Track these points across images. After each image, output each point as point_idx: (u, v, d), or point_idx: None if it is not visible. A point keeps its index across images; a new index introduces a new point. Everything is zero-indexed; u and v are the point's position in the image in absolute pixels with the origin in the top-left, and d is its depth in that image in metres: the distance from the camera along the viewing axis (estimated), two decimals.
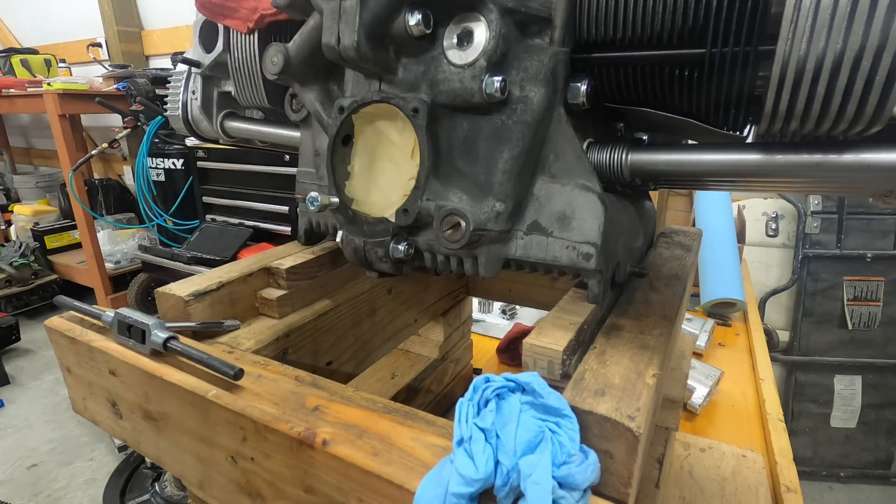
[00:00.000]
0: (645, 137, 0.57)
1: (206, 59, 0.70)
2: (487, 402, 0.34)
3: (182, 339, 0.49)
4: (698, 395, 1.06)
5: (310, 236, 0.68)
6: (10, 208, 3.96)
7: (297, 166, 0.66)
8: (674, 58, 0.41)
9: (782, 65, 0.34)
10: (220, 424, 0.43)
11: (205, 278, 0.58)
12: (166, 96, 0.78)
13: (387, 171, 0.50)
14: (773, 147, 0.41)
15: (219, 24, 0.67)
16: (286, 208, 2.15)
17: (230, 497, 0.46)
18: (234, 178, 2.29)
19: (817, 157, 0.39)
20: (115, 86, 2.87)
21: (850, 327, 2.26)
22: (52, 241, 3.60)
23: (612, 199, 0.47)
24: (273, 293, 0.60)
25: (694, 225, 1.75)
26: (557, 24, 0.42)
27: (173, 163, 2.32)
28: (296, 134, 0.69)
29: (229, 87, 0.74)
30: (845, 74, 0.32)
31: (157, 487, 1.78)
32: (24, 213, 3.76)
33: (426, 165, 0.46)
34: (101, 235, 3.20)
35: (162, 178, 2.37)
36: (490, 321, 1.44)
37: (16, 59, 3.42)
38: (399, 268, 0.51)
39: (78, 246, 3.55)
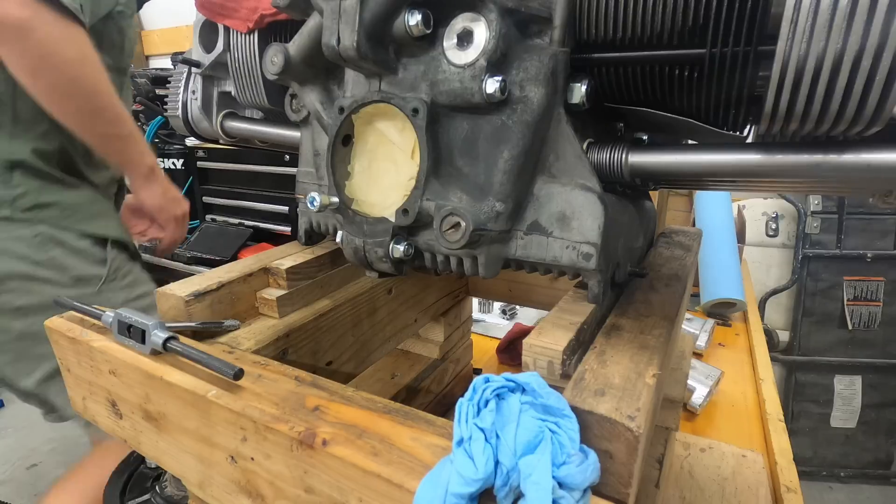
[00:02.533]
0: (645, 137, 0.57)
1: (206, 59, 0.70)
2: (487, 402, 0.34)
3: (182, 339, 0.49)
4: (698, 395, 1.06)
5: (310, 236, 0.68)
6: None
7: (297, 166, 0.66)
8: (674, 58, 0.41)
9: (782, 65, 0.34)
10: (220, 424, 0.43)
11: (205, 278, 0.58)
12: (166, 96, 0.78)
13: (387, 171, 0.50)
14: (773, 147, 0.41)
15: (219, 24, 0.67)
16: (286, 208, 2.15)
17: (230, 497, 0.46)
18: (234, 178, 2.29)
19: (817, 157, 0.39)
20: None
21: (850, 327, 2.26)
22: None
23: (612, 199, 0.47)
24: (273, 293, 0.60)
25: (694, 225, 1.75)
26: (557, 24, 0.42)
27: (173, 163, 2.32)
28: (296, 134, 0.69)
29: (229, 87, 0.74)
30: (845, 74, 0.32)
31: (157, 487, 1.78)
32: None
33: (426, 165, 0.46)
34: None
35: None
36: (490, 321, 1.44)
37: None
38: (399, 268, 0.51)
39: None
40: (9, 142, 0.89)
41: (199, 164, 2.33)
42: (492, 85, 0.42)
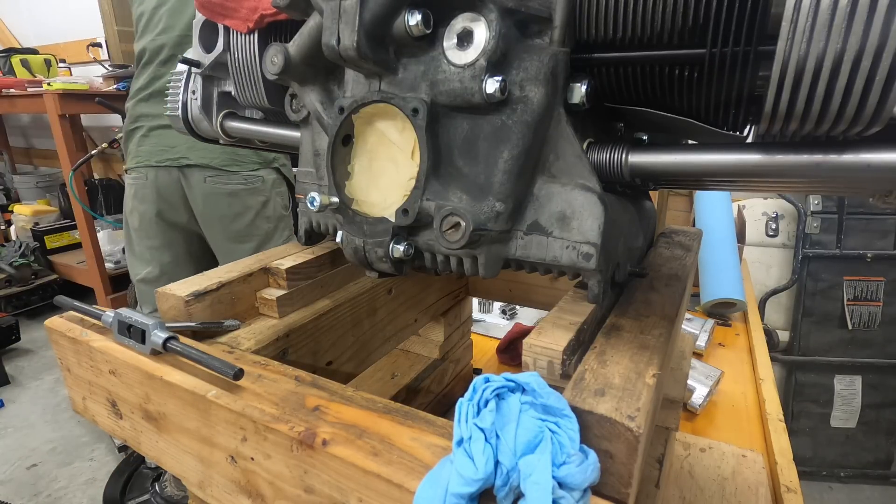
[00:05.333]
0: (645, 137, 0.57)
1: (206, 59, 0.70)
2: (487, 402, 0.34)
3: (182, 339, 0.49)
4: (698, 395, 1.06)
5: (310, 236, 0.68)
6: (10, 208, 3.95)
7: (297, 166, 0.66)
8: (674, 58, 0.41)
9: (782, 65, 0.34)
10: (220, 424, 0.43)
11: (205, 278, 0.58)
12: (166, 96, 0.78)
13: (387, 171, 0.50)
14: (773, 147, 0.41)
15: (219, 24, 0.67)
16: None
17: (230, 497, 0.46)
18: None
19: (817, 157, 0.39)
20: (115, 86, 2.87)
21: (850, 327, 2.26)
22: (52, 241, 3.60)
23: (612, 199, 0.47)
24: (273, 293, 0.60)
25: (694, 225, 1.75)
26: (557, 24, 0.42)
27: None
28: (296, 134, 0.69)
29: (229, 87, 0.74)
30: (845, 74, 0.32)
31: (157, 487, 1.78)
32: (24, 213, 3.76)
33: (426, 165, 0.46)
34: (101, 235, 3.20)
35: None
36: (490, 321, 1.44)
37: (16, 59, 3.42)
38: (399, 268, 0.51)
39: (78, 246, 3.54)
40: None
41: None
42: (492, 85, 0.42)
